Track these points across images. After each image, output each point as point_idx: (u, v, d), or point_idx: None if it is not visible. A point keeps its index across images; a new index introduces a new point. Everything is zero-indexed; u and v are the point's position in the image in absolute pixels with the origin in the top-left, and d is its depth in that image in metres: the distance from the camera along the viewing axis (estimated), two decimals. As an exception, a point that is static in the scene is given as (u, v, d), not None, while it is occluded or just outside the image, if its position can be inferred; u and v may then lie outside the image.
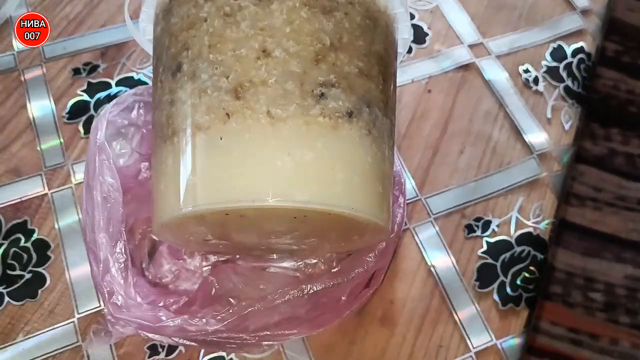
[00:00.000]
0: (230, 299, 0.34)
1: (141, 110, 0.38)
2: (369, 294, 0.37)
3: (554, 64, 0.53)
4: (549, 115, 0.50)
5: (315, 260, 0.39)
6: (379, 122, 0.33)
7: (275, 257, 0.40)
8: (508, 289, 0.43)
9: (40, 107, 0.48)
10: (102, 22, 0.51)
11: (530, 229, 0.45)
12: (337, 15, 0.32)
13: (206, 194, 0.29)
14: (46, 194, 0.44)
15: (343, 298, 0.35)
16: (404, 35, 0.38)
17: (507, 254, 0.44)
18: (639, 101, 0.52)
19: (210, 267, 0.40)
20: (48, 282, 0.41)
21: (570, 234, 0.46)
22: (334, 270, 0.35)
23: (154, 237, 0.39)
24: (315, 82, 0.30)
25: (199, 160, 0.30)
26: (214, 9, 0.31)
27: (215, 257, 0.40)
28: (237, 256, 0.40)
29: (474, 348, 0.41)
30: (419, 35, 0.53)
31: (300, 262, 0.40)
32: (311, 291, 0.33)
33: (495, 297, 0.43)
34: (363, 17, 0.33)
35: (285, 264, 0.40)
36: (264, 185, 0.29)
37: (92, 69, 0.49)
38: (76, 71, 0.49)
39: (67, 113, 0.47)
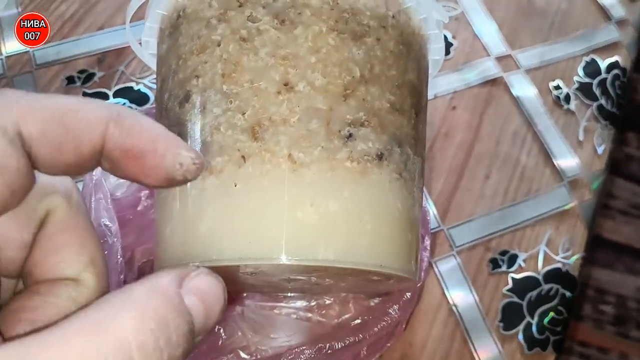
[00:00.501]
0: (240, 352, 0.31)
1: (143, 135, 0.34)
2: (389, 344, 0.34)
3: (587, 80, 0.50)
4: (581, 137, 0.47)
5: (329, 301, 0.36)
6: (410, 162, 0.29)
7: (286, 295, 0.37)
8: (534, 331, 0.40)
9: (30, 120, 0.43)
10: (100, 24, 0.47)
11: (559, 265, 0.42)
12: (368, 42, 0.28)
13: (217, 249, 0.26)
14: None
15: (363, 352, 0.32)
16: (435, 56, 0.35)
17: (534, 292, 0.41)
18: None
19: (214, 304, 0.37)
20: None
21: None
22: (355, 323, 0.32)
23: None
24: (343, 121, 0.27)
25: (210, 208, 0.26)
26: (229, 31, 0.27)
27: (221, 294, 0.37)
28: (245, 294, 0.37)
29: (498, 398, 0.38)
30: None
31: (313, 302, 0.36)
32: (330, 350, 0.30)
33: (521, 339, 0.40)
34: (396, 43, 0.29)
35: (296, 304, 0.36)
36: (283, 241, 0.25)
37: (88, 77, 0.45)
38: (70, 80, 0.45)
39: (60, 127, 0.43)
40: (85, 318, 0.15)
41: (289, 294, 0.37)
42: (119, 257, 0.29)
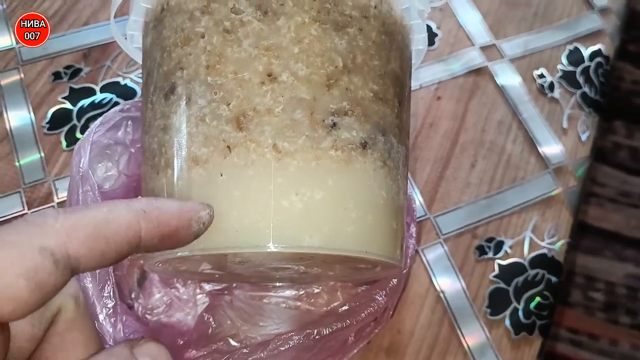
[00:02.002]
0: (230, 339, 0.32)
1: (129, 129, 0.34)
2: (376, 330, 0.34)
3: (571, 68, 0.50)
4: (565, 125, 0.47)
5: (317, 290, 0.37)
6: (394, 151, 0.30)
7: (274, 285, 0.37)
8: (521, 316, 0.41)
9: (17, 116, 0.44)
10: (85, 20, 0.47)
11: (545, 251, 0.43)
12: (350, 32, 0.28)
13: (205, 238, 0.26)
14: (26, 213, 0.40)
15: (350, 338, 0.33)
16: (418, 46, 0.35)
17: (520, 278, 0.42)
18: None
19: (204, 295, 0.37)
20: (28, 313, 0.38)
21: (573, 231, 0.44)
22: (342, 310, 0.32)
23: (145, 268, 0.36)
24: (327, 111, 0.27)
25: (196, 198, 0.27)
26: (212, 23, 0.28)
27: (210, 285, 0.37)
28: (234, 284, 0.37)
29: (485, 382, 0.39)
30: (428, 37, 0.49)
31: (302, 291, 0.37)
32: (317, 336, 0.30)
33: (508, 324, 0.40)
34: (378, 33, 0.30)
35: (285, 293, 0.37)
36: (269, 229, 0.26)
37: (74, 72, 0.45)
38: (57, 75, 0.45)
39: (47, 123, 0.43)
40: None
41: (278, 284, 0.37)
42: (107, 248, 0.29)
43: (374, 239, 0.28)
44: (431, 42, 0.50)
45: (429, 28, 0.50)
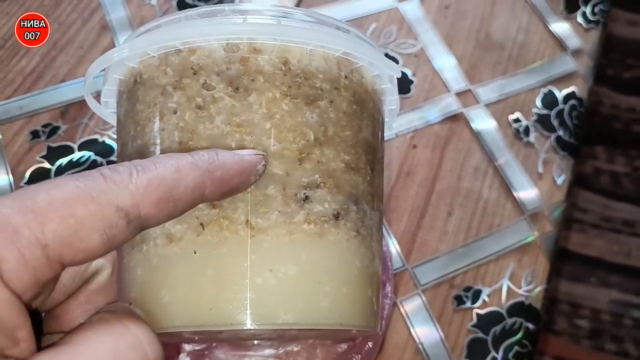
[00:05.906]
0: (208, 407, 0.32)
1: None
2: (355, 391, 0.35)
3: (545, 111, 0.51)
4: (540, 169, 0.48)
5: (297, 348, 0.37)
6: (367, 218, 0.30)
7: (254, 344, 0.37)
8: (500, 366, 0.41)
9: (-5, 179, 0.43)
10: (62, 77, 0.47)
11: (522, 298, 0.43)
12: (321, 105, 0.29)
13: (180, 316, 0.26)
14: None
15: (329, 402, 0.33)
16: (391, 106, 0.36)
17: (498, 327, 0.42)
18: (624, 117, 0.50)
19: (185, 355, 0.37)
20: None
21: (556, 259, 0.44)
22: (319, 375, 0.32)
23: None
24: (299, 185, 0.27)
25: (171, 276, 0.27)
26: (185, 99, 0.28)
27: (191, 345, 0.37)
28: (214, 344, 0.37)
29: None
30: (404, 84, 0.50)
31: (281, 350, 0.37)
32: (295, 404, 0.30)
33: (487, 375, 0.41)
34: (349, 103, 0.30)
35: (265, 352, 0.37)
36: (244, 307, 0.26)
37: (52, 131, 0.45)
38: (35, 134, 0.45)
39: (25, 184, 0.43)
40: None
41: (257, 342, 0.37)
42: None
43: (349, 311, 0.28)
44: (407, 89, 0.50)
45: (404, 76, 0.51)
